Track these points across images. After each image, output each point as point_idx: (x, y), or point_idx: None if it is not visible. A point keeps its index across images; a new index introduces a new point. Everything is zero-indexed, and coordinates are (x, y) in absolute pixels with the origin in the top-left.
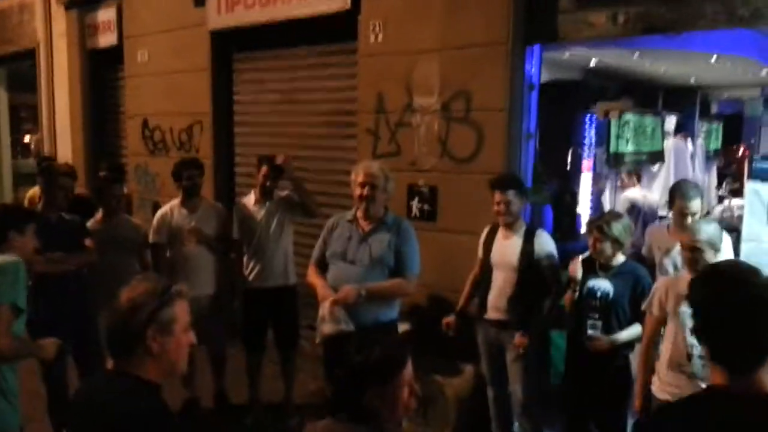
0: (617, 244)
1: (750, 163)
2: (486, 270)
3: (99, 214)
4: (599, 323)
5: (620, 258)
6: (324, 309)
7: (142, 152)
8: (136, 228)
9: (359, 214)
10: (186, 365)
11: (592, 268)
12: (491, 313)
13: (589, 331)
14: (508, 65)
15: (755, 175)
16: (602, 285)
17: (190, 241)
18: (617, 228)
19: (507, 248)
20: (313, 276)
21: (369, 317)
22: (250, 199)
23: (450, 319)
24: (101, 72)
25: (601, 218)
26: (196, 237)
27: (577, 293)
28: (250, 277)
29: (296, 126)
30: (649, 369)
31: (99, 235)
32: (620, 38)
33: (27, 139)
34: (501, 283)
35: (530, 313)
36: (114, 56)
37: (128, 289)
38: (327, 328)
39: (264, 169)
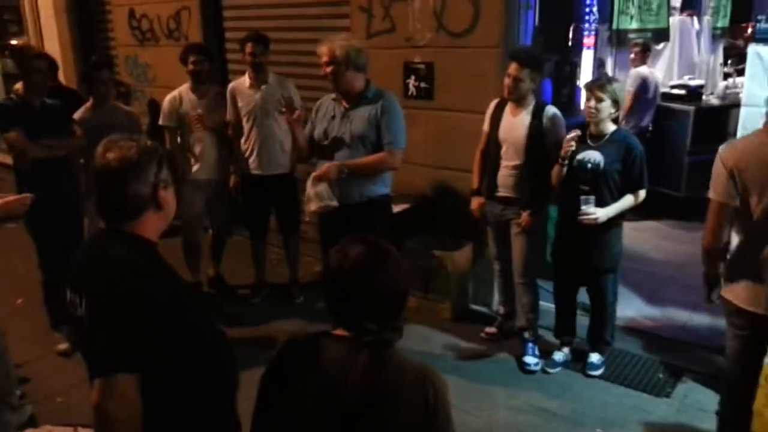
0: (616, 105)
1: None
2: (493, 145)
3: (89, 102)
4: (592, 198)
5: (611, 126)
6: (307, 187)
7: (130, 43)
8: (127, 114)
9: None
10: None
11: (582, 139)
12: (500, 191)
13: (582, 207)
14: None
15: (758, 38)
16: (592, 156)
17: (198, 128)
18: (617, 86)
19: (515, 124)
20: None
21: (356, 193)
22: (244, 82)
23: (477, 202)
24: None
25: (598, 79)
26: (202, 124)
27: (566, 167)
28: (250, 164)
29: (287, 7)
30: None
31: (90, 122)
32: None
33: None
34: (508, 161)
35: (536, 190)
36: None
37: (111, 150)
38: (312, 205)
39: (249, 46)
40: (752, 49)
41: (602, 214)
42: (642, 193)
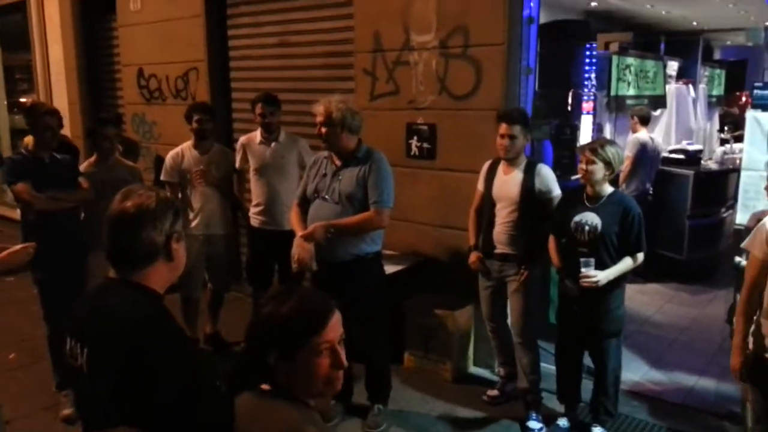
0: (609, 167)
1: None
2: (487, 205)
3: (93, 157)
4: (592, 260)
5: (607, 189)
6: (294, 245)
7: (138, 101)
8: (130, 170)
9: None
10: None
11: (579, 200)
12: (497, 248)
13: (582, 269)
14: None
15: (755, 104)
16: (589, 218)
17: (200, 183)
18: (611, 151)
19: (508, 182)
20: (293, 215)
21: (343, 251)
22: (256, 137)
23: (475, 255)
24: (94, 22)
25: (593, 142)
26: (204, 179)
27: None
28: (257, 217)
29: (293, 69)
30: (749, 320)
31: (93, 177)
32: None
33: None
34: (503, 218)
35: (532, 246)
36: (106, 4)
37: (129, 198)
38: (294, 265)
39: (259, 107)
40: (750, 115)
41: (602, 276)
42: (640, 256)
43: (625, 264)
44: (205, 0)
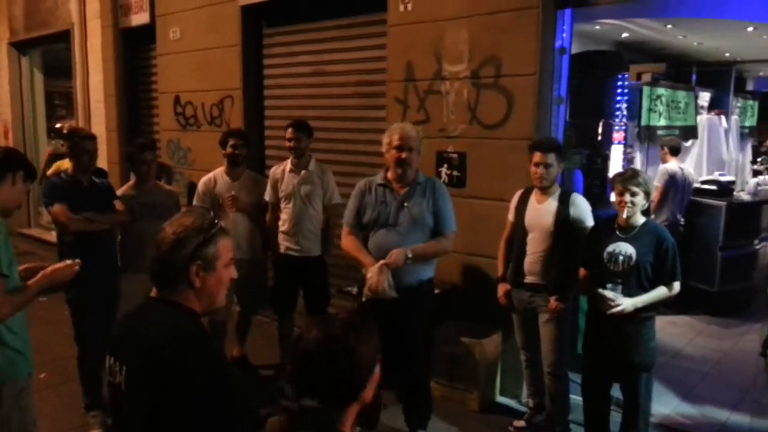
0: (648, 197)
1: None
2: (519, 235)
3: (131, 181)
4: (619, 288)
5: (640, 218)
6: (372, 273)
7: (174, 128)
8: (168, 194)
9: (391, 176)
10: (224, 299)
11: (610, 230)
12: (527, 277)
13: (609, 296)
14: (539, 29)
15: None
16: (624, 248)
17: (230, 208)
18: (645, 178)
19: (541, 211)
20: (350, 244)
21: (413, 277)
22: (286, 166)
23: (503, 288)
24: (133, 51)
25: (624, 174)
26: (234, 205)
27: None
28: (284, 243)
29: (326, 97)
30: None
31: (131, 200)
32: None
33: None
34: (535, 247)
35: (565, 277)
36: (146, 35)
37: (174, 221)
38: (370, 293)
39: (289, 132)
40: None
41: (629, 304)
42: (677, 285)
43: (658, 293)
44: (242, 30)
